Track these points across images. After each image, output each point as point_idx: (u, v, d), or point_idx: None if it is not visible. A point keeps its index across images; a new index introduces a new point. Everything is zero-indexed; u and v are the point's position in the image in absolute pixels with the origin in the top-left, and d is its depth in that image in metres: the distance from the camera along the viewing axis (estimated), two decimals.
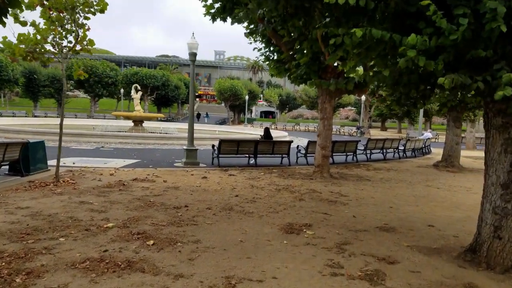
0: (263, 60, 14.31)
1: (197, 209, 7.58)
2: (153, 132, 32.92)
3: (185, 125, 45.30)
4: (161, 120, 58.95)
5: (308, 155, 15.62)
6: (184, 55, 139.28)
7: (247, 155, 14.82)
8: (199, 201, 8.28)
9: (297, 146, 16.28)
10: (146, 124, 37.36)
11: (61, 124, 10.26)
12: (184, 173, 12.22)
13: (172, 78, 66.43)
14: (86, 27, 10.77)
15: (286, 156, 15.20)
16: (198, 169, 13.05)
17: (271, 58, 14.03)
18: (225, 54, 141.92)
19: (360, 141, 17.63)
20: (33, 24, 10.21)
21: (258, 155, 14.75)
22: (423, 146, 22.35)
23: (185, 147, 14.13)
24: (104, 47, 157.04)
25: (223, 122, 63.83)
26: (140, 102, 64.13)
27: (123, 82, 58.61)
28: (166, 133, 32.17)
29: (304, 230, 6.46)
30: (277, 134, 32.22)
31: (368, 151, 18.10)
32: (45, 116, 50.96)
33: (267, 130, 15.53)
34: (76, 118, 51.19)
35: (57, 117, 51.98)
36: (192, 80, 14.31)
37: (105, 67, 58.47)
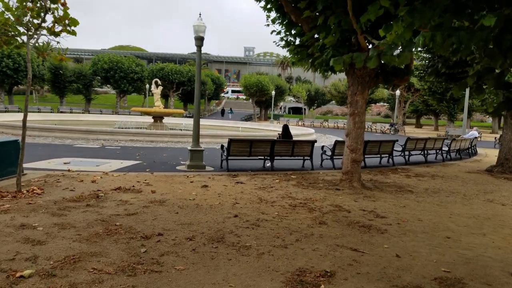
0: (282, 45, 12.03)
1: (173, 241, 5.40)
2: (173, 129, 31.28)
3: (209, 122, 43.86)
4: (186, 116, 57.50)
5: (335, 157, 13.22)
6: (215, 52, 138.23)
7: (263, 157, 12.58)
8: (182, 226, 6.10)
9: (322, 147, 13.88)
10: (167, 120, 35.80)
11: (24, 121, 8.27)
12: (183, 179, 10.10)
13: None
14: (62, 1, 8.87)
15: (308, 158, 12.87)
16: (202, 174, 10.92)
17: (292, 43, 11.77)
18: (255, 50, 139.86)
19: (397, 140, 15.06)
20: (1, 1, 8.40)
21: (275, 158, 12.48)
22: (470, 146, 19.48)
23: (189, 148, 12.02)
24: (137, 44, 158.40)
25: (249, 118, 61.73)
26: (168, 98, 63.13)
27: (149, 77, 57.31)
28: (187, 130, 30.41)
29: (322, 285, 4.17)
30: (302, 131, 29.89)
31: (406, 152, 15.51)
32: (70, 112, 50.40)
33: (286, 128, 13.20)
34: (101, 114, 50.39)
35: (82, 112, 51.44)
36: (198, 69, 12.16)
37: (130, 63, 57.26)
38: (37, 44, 9.24)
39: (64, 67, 53.89)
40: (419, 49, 14.29)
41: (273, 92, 55.20)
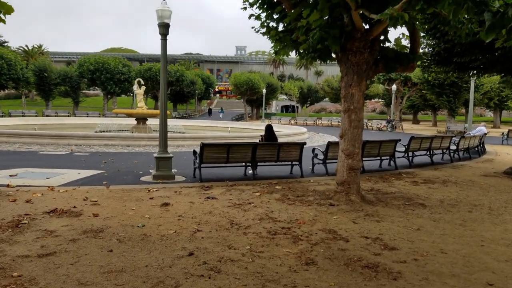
0: (263, 32, 10.15)
1: None
2: (156, 130, 29.42)
3: (198, 122, 41.91)
4: (176, 117, 55.39)
5: (328, 161, 11.40)
6: (206, 52, 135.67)
7: (243, 164, 10.73)
8: (108, 275, 4.23)
9: (313, 150, 12.02)
10: (154, 122, 33.96)
11: None
12: (143, 194, 8.23)
13: (187, 73, 62.77)
14: None
15: (297, 163, 11.04)
16: (168, 187, 9.04)
17: (273, 28, 9.90)
18: (246, 49, 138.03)
19: (400, 140, 13.23)
20: None
21: (259, 164, 10.66)
22: (479, 143, 17.67)
23: (155, 155, 10.14)
24: (128, 47, 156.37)
25: (240, 118, 59.82)
26: (157, 99, 60.81)
27: (137, 78, 55.23)
28: (173, 132, 28.65)
29: None
30: (294, 130, 28.18)
31: (410, 153, 13.69)
32: (55, 115, 48.24)
33: (269, 129, 11.28)
34: (87, 116, 48.20)
35: (68, 115, 49.15)
36: (163, 62, 10.28)
37: (117, 63, 55.08)
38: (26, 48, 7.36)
39: (49, 70, 51.77)
40: (422, 34, 12.47)
41: (264, 90, 53.31)
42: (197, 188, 8.99)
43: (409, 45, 9.05)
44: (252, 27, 10.12)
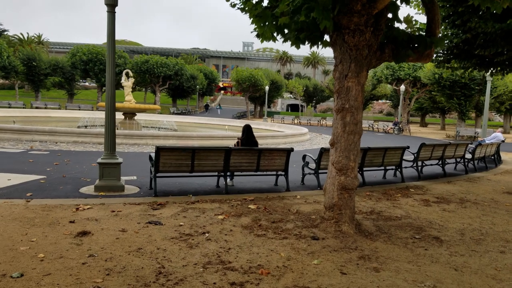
0: (241, 7, 8.07)
1: None
2: (146, 127, 27.75)
3: (195, 119, 39.89)
4: (175, 113, 53.32)
5: (320, 171, 9.32)
6: (213, 47, 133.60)
7: (216, 173, 8.67)
8: None
9: (304, 157, 9.92)
10: (145, 117, 32.26)
11: None
12: (65, 215, 6.17)
13: (187, 67, 60.60)
14: None
15: (282, 173, 8.97)
16: (107, 203, 6.99)
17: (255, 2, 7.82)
18: (254, 45, 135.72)
19: (408, 147, 11.10)
20: None
21: (235, 174, 8.62)
22: (495, 152, 15.46)
23: (98, 160, 8.07)
24: (134, 40, 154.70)
25: (242, 115, 57.68)
26: (154, 93, 58.80)
27: (133, 70, 53.12)
28: (165, 129, 27.05)
29: None
30: (294, 130, 26.22)
31: (419, 162, 11.57)
32: (45, 108, 46.41)
33: (247, 130, 9.09)
34: (79, 110, 46.27)
35: (59, 108, 47.20)
36: (109, 42, 8.27)
37: None
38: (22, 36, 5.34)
39: (38, 59, 49.66)
40: None
41: (267, 87, 51.12)
42: (145, 206, 6.94)
43: (421, 32, 6.96)
44: (227, 0, 8.03)
